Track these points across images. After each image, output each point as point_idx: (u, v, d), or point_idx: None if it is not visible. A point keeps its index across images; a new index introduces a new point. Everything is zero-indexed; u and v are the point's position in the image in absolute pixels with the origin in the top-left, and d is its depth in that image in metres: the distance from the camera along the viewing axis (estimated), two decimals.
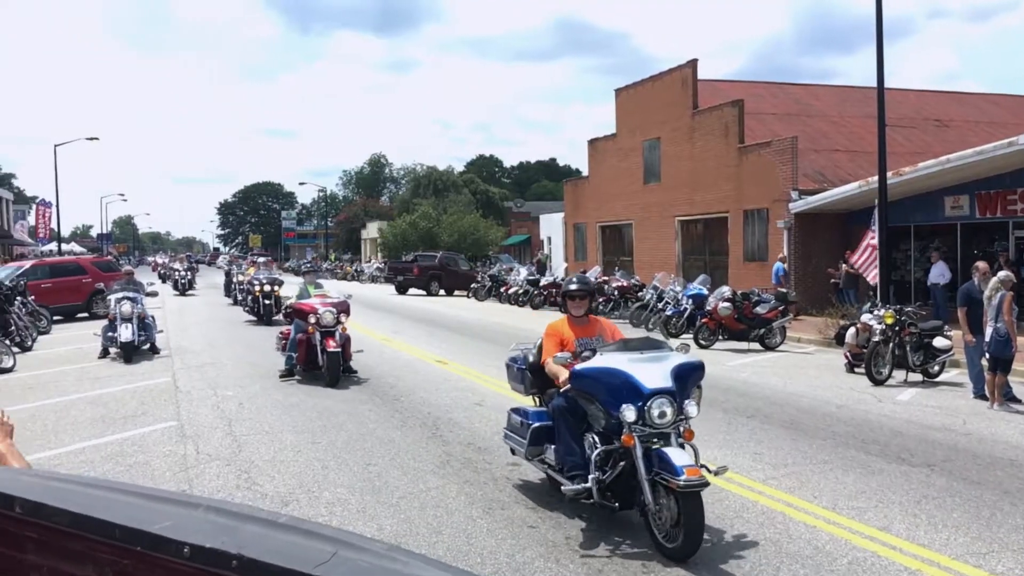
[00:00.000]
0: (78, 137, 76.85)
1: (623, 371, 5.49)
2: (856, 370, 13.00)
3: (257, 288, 20.85)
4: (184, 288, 34.84)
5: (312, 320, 11.58)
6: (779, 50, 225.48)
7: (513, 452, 6.83)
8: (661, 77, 29.62)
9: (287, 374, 12.09)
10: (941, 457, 7.93)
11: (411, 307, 27.43)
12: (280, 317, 19.15)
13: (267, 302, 20.59)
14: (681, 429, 5.58)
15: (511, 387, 7.40)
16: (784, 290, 18.34)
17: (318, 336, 11.60)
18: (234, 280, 27.12)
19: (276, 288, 20.87)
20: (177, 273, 36.32)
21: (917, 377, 12.44)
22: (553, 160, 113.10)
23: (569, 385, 5.81)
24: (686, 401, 5.55)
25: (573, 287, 6.69)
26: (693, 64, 27.96)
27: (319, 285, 13.27)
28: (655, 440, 5.42)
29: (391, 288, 36.64)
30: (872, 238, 16.75)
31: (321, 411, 9.90)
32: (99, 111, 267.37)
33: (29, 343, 16.57)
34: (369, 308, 25.77)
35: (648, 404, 5.37)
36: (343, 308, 12.06)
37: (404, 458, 7.74)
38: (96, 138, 46.14)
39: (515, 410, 6.85)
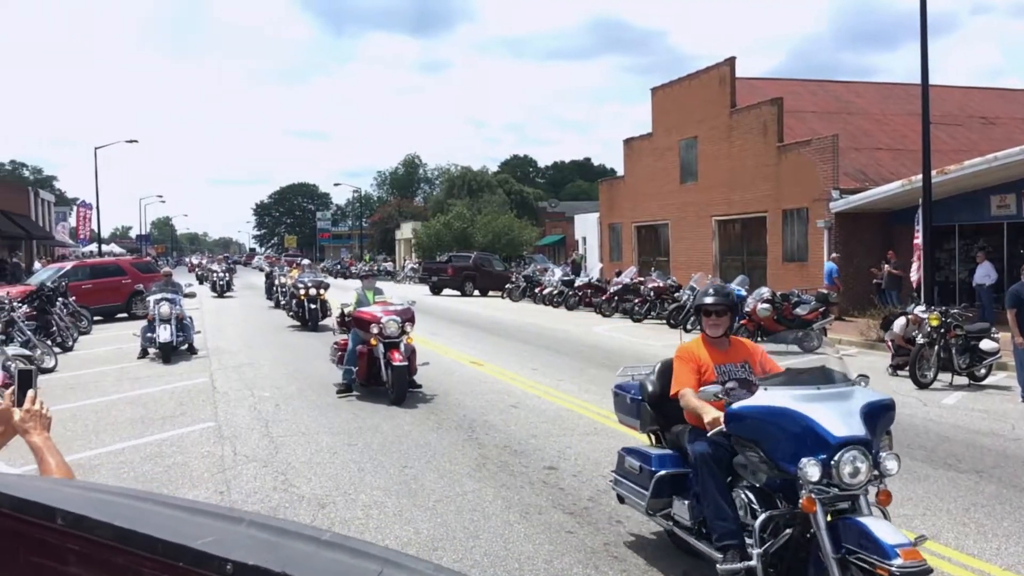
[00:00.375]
0: (118, 140, 78.29)
1: (801, 414, 4.16)
2: (899, 373, 12.74)
3: (302, 292, 19.62)
4: (222, 290, 34.58)
5: (374, 330, 10.47)
6: (818, 47, 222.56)
7: (622, 500, 5.62)
8: (698, 75, 29.35)
9: (345, 390, 11.02)
10: (990, 463, 7.72)
11: (446, 308, 27.48)
12: (328, 322, 18.40)
13: (312, 306, 19.47)
14: (875, 491, 4.27)
15: (619, 419, 6.19)
16: (824, 291, 18.03)
17: (381, 348, 10.50)
18: (276, 283, 26.34)
19: (322, 292, 19.78)
20: (215, 274, 36.14)
21: (963, 380, 12.14)
22: (588, 160, 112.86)
23: (720, 427, 4.48)
24: (881, 453, 4.23)
25: (709, 300, 5.24)
26: (731, 62, 27.67)
27: (379, 291, 12.28)
28: (841, 505, 4.17)
29: (425, 289, 36.78)
30: (917, 238, 16.41)
31: (356, 413, 9.94)
32: (138, 114, 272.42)
33: (70, 343, 16.79)
34: None
35: (837, 458, 4.02)
36: (408, 316, 10.90)
37: (440, 461, 7.72)
38: (135, 140, 46.76)
39: (630, 451, 5.56)
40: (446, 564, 5.30)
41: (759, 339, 16.03)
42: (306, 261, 32.49)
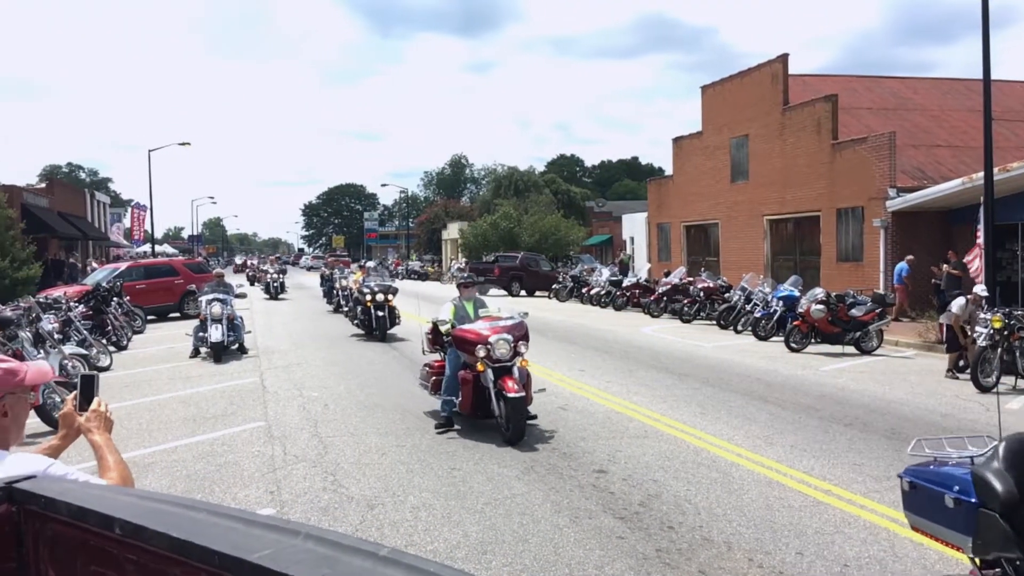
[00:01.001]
0: (171, 142, 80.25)
1: None
2: (960, 376, 12.37)
3: (368, 297, 17.78)
4: (276, 292, 33.15)
5: (481, 353, 8.57)
6: (871, 43, 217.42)
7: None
8: (750, 73, 28.90)
9: (445, 424, 9.03)
10: None
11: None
12: (396, 331, 17.74)
13: (380, 314, 17.55)
14: None
15: (916, 526, 4.03)
16: (882, 292, 17.60)
17: (490, 375, 8.59)
18: (336, 285, 24.64)
19: (390, 297, 17.89)
20: (268, 276, 34.53)
21: None
22: (635, 159, 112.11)
23: None
24: None
25: None
26: (784, 59, 27.19)
27: (482, 302, 10.01)
28: None
29: None
30: (979, 237, 15.93)
31: (404, 413, 9.96)
32: (190, 117, 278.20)
33: (124, 342, 17.12)
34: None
35: None
36: (521, 334, 8.89)
37: (488, 463, 7.69)
38: (188, 143, 47.70)
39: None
40: (495, 568, 5.28)
41: (813, 341, 15.73)
42: (371, 263, 29.91)
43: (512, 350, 8.65)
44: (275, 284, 33.33)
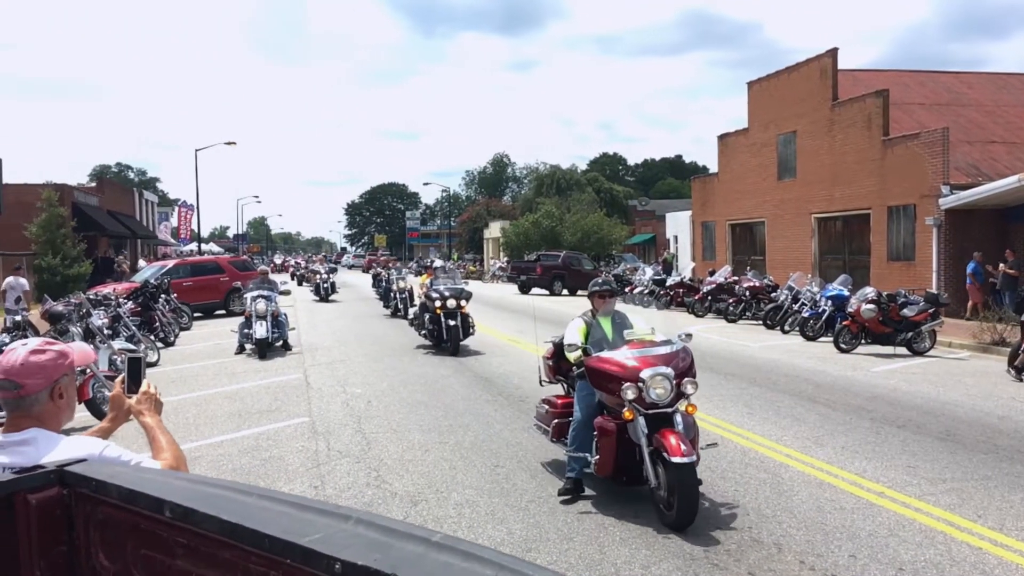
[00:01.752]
0: (216, 142, 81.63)
1: None
2: (1023, 377, 12.01)
3: (438, 304, 15.04)
4: (326, 293, 30.67)
5: (630, 395, 6.04)
6: (923, 38, 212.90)
7: None
8: (798, 68, 28.41)
9: (573, 491, 6.55)
10: None
11: (535, 307, 27.41)
12: (470, 342, 15.67)
13: (451, 323, 14.85)
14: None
15: None
16: (935, 291, 17.16)
17: (643, 425, 6.04)
18: (394, 288, 22.74)
19: (463, 303, 15.26)
20: (319, 276, 31.99)
21: None
22: (679, 157, 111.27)
23: None
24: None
25: None
26: (833, 53, 26.67)
27: (625, 319, 7.07)
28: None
29: (513, 288, 36.85)
30: None
31: (447, 410, 9.96)
32: (236, 117, 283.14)
33: (172, 339, 17.37)
34: (493, 308, 25.97)
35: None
36: (685, 366, 6.38)
37: (531, 461, 7.65)
38: (233, 142, 48.28)
39: None
40: (540, 565, 5.21)
41: (863, 341, 15.39)
42: (439, 263, 22.85)
43: (674, 390, 6.19)
44: (325, 285, 30.94)
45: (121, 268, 29.44)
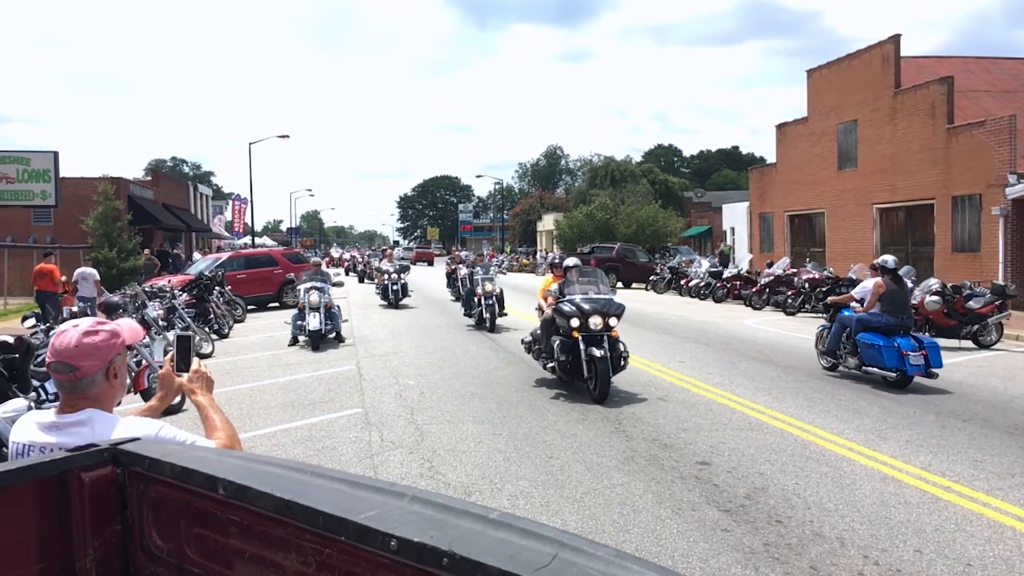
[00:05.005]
0: (270, 135, 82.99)
1: None
2: None
3: (574, 324, 10.02)
4: (396, 298, 23.72)
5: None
6: (987, 24, 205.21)
7: None
8: (859, 55, 27.69)
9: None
10: None
11: None
12: (616, 380, 10.17)
13: (598, 353, 9.78)
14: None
15: None
16: (1001, 283, 16.56)
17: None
18: (477, 291, 17.97)
19: (612, 323, 10.17)
20: (386, 276, 24.41)
21: None
22: (735, 148, 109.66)
23: None
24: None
25: None
26: (896, 40, 25.92)
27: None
28: None
29: None
30: None
31: (500, 402, 9.94)
32: (289, 110, 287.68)
33: (226, 330, 17.56)
34: None
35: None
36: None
37: (586, 452, 7.57)
38: (287, 136, 48.78)
39: None
40: (601, 543, 5.15)
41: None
42: (570, 260, 11.80)
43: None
44: (395, 287, 23.85)
45: (182, 257, 29.86)
